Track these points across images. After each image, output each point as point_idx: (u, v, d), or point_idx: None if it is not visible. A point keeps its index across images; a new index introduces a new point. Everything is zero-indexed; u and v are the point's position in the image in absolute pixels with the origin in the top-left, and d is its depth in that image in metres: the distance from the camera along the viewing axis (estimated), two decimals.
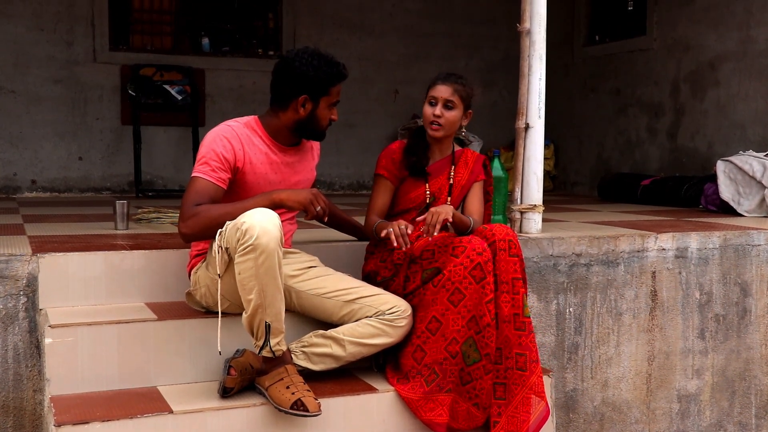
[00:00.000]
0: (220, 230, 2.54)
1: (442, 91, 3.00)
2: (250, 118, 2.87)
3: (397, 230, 2.77)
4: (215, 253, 2.56)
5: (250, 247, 2.42)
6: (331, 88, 2.80)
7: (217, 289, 2.63)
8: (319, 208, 2.66)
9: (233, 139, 2.74)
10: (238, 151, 2.73)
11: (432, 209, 2.83)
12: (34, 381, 2.87)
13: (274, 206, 2.61)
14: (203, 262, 2.78)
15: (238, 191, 2.77)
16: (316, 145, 3.08)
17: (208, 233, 2.62)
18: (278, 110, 2.83)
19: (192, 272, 2.85)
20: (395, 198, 3.09)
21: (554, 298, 3.59)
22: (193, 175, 2.69)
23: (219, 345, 2.56)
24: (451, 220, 2.82)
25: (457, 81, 3.03)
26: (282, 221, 2.55)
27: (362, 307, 2.77)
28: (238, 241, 2.45)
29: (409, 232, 2.79)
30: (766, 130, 5.89)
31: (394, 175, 3.06)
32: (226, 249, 2.53)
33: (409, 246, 2.78)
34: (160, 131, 7.07)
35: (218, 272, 2.56)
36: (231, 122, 2.81)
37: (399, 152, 3.08)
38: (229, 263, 2.56)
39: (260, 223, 2.43)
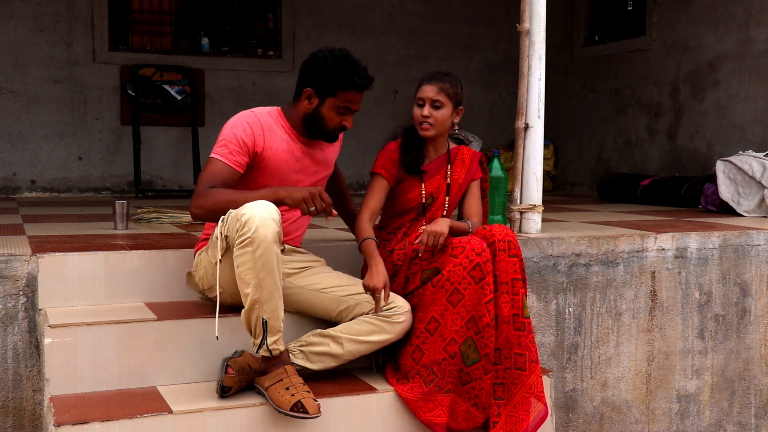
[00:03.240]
0: (222, 217, 2.57)
1: (428, 91, 2.98)
2: (274, 109, 2.91)
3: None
4: (215, 238, 2.59)
5: (248, 239, 2.44)
6: (339, 91, 2.80)
7: (212, 274, 2.64)
8: (313, 208, 2.59)
9: (254, 124, 2.77)
10: (258, 137, 2.76)
11: (427, 229, 2.82)
12: (33, 381, 2.87)
13: (276, 202, 2.60)
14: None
15: (257, 177, 2.80)
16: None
17: (213, 216, 2.65)
18: (296, 100, 2.88)
19: (197, 253, 2.87)
20: (393, 199, 3.06)
21: (554, 298, 3.59)
22: (211, 156, 2.73)
23: (216, 330, 2.55)
24: (447, 234, 2.82)
25: (442, 79, 2.98)
26: (296, 218, 2.61)
27: (359, 303, 2.77)
28: (237, 231, 2.47)
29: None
30: (765, 131, 5.90)
31: (392, 174, 3.03)
32: (226, 237, 2.55)
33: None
34: (160, 131, 7.07)
35: (216, 257, 2.58)
36: (255, 109, 2.87)
37: (398, 151, 3.06)
38: (227, 251, 2.58)
39: (260, 216, 2.45)
